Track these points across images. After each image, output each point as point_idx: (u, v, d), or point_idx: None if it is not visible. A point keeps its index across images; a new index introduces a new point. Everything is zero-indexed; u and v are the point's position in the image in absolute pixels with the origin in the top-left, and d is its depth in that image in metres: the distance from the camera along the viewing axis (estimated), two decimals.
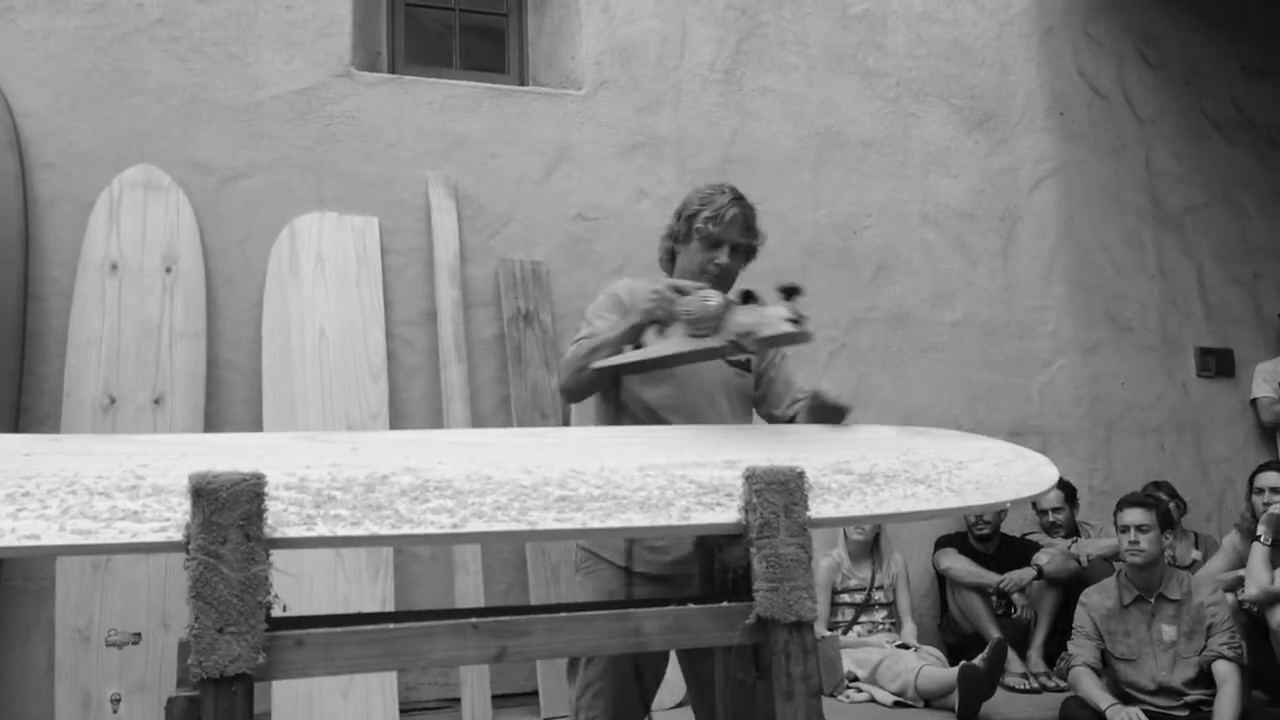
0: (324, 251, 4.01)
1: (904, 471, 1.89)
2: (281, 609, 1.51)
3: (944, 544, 4.57)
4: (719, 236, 2.26)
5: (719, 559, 1.83)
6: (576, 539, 2.23)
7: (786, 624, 1.62)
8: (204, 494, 1.41)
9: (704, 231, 2.26)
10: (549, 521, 1.61)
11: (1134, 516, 3.60)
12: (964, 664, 3.73)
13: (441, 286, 4.11)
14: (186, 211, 3.89)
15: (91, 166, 3.84)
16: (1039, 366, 5.15)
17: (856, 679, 4.05)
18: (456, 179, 4.28)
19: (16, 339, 3.61)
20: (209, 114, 4.03)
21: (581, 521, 1.62)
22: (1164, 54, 5.63)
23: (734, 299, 2.05)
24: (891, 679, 3.93)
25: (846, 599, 4.37)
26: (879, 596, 4.36)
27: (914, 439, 2.09)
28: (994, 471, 1.97)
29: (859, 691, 4.01)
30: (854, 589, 4.37)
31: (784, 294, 2.07)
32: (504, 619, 1.55)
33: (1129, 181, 5.47)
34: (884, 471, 1.88)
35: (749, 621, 1.63)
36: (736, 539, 1.70)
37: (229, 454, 1.66)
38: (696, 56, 4.74)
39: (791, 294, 2.08)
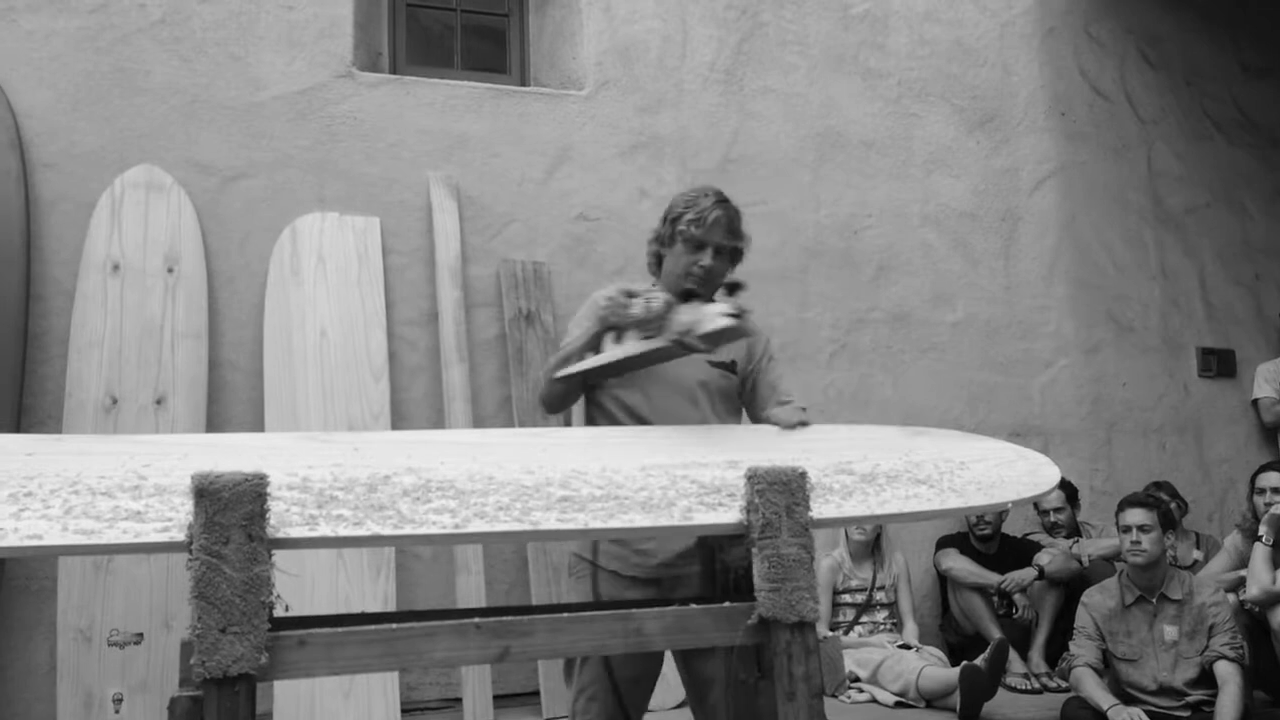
0: (325, 252, 4.02)
1: (906, 472, 1.89)
2: (284, 609, 1.51)
3: (945, 544, 4.57)
4: (702, 239, 2.26)
5: (721, 559, 1.83)
6: (579, 539, 2.23)
7: (789, 624, 1.63)
8: (207, 494, 1.41)
9: (687, 234, 2.27)
10: (551, 522, 1.61)
11: (1135, 517, 3.59)
12: (965, 664, 3.73)
13: (443, 287, 4.11)
14: (188, 212, 3.89)
15: (93, 167, 3.85)
16: (1040, 367, 5.14)
17: (858, 679, 4.06)
18: (458, 179, 4.28)
19: (18, 339, 3.61)
20: (210, 114, 4.03)
21: (584, 522, 1.62)
22: (1165, 54, 5.63)
23: (675, 298, 2.07)
24: (893, 679, 3.93)
25: (848, 599, 4.37)
26: (880, 597, 4.36)
27: (916, 439, 2.10)
28: (996, 472, 1.97)
29: (860, 692, 4.01)
30: (855, 589, 4.37)
31: (727, 289, 2.16)
32: (506, 619, 1.55)
33: (1130, 182, 5.47)
34: (886, 472, 1.88)
35: (751, 622, 1.63)
36: (738, 539, 1.71)
37: (231, 454, 1.66)
38: (697, 57, 4.74)
39: (734, 290, 2.18)
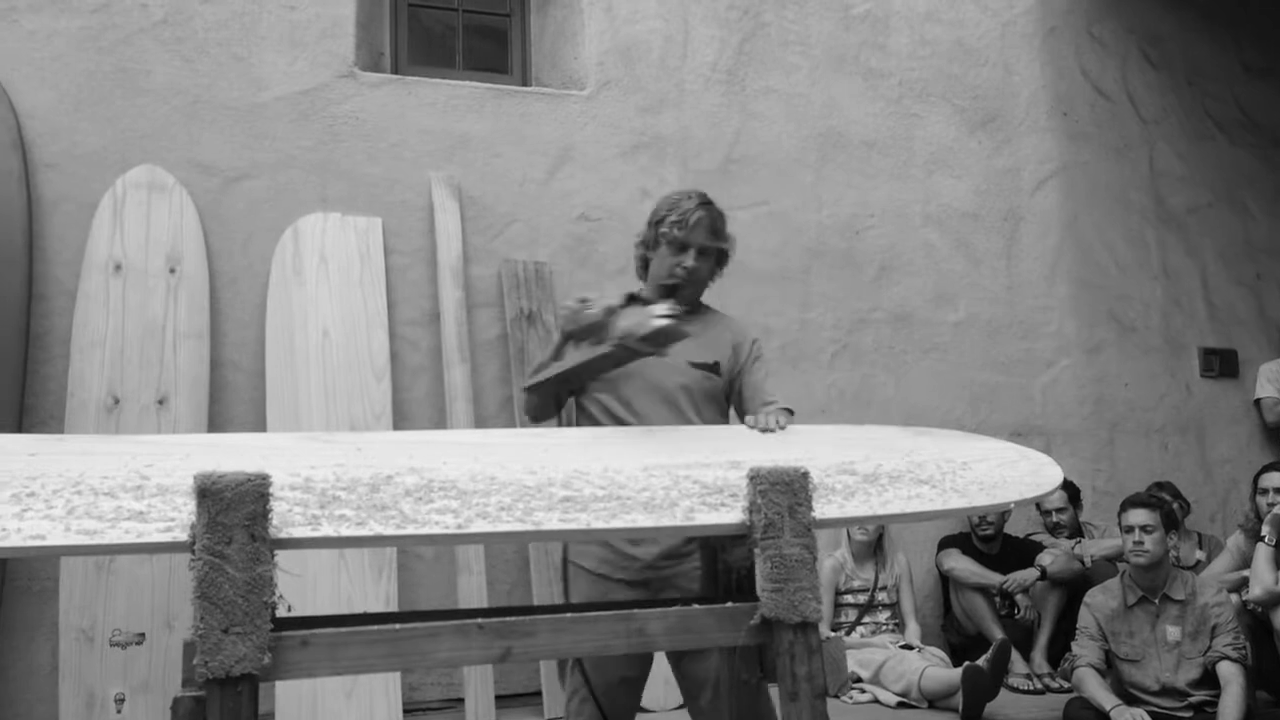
0: (327, 252, 4.02)
1: (908, 472, 1.89)
2: (286, 609, 1.51)
3: (947, 544, 4.56)
4: (684, 240, 2.29)
5: (723, 559, 1.83)
6: (581, 540, 2.23)
7: (791, 625, 1.62)
8: (209, 494, 1.41)
9: (669, 235, 2.30)
10: (553, 522, 1.61)
11: (1138, 517, 3.59)
12: (968, 665, 3.73)
13: (445, 287, 4.11)
14: (190, 212, 3.89)
15: (95, 167, 3.85)
16: (1042, 367, 5.14)
17: (860, 680, 4.05)
18: (460, 179, 4.28)
19: (20, 339, 3.61)
20: (212, 115, 4.03)
21: (586, 522, 1.62)
22: (1167, 54, 5.63)
23: (616, 304, 2.09)
24: (895, 680, 3.93)
25: (850, 600, 4.36)
26: (882, 597, 4.36)
27: (918, 439, 2.09)
28: (998, 472, 1.97)
29: (862, 692, 4.01)
30: (857, 590, 4.37)
31: (664, 291, 2.21)
32: (509, 619, 1.55)
33: (1132, 181, 5.47)
34: (888, 472, 1.88)
35: (754, 622, 1.63)
36: (741, 539, 1.71)
37: (233, 454, 1.66)
38: (699, 57, 4.74)
39: (671, 292, 2.22)
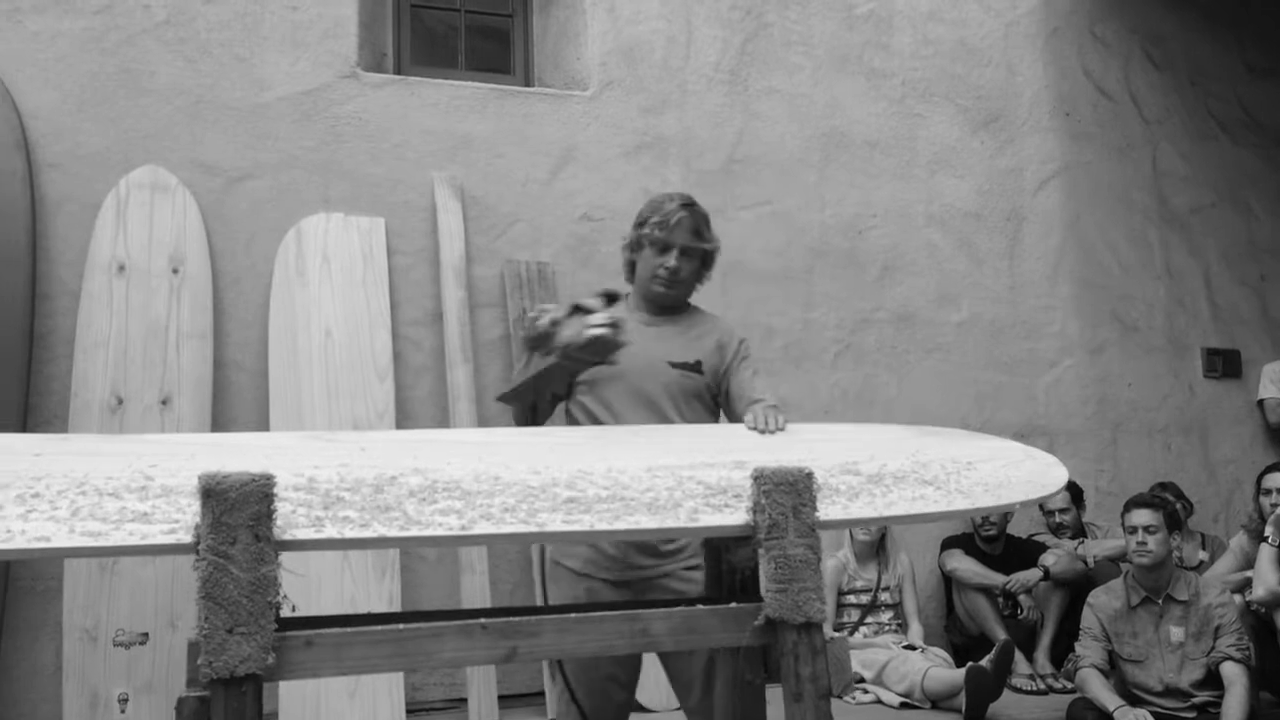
0: (330, 252, 4.02)
1: (913, 473, 1.89)
2: (290, 609, 1.50)
3: (950, 545, 4.56)
4: (666, 240, 2.30)
5: (727, 560, 1.83)
6: (584, 541, 2.23)
7: (795, 625, 1.62)
8: (214, 494, 1.41)
9: (652, 236, 2.31)
10: (557, 524, 1.61)
11: (1141, 517, 3.59)
12: (971, 665, 3.72)
13: (447, 287, 4.11)
14: (193, 212, 3.89)
15: (98, 167, 3.85)
16: (1045, 367, 5.13)
17: (863, 680, 4.05)
18: (462, 179, 4.28)
19: (24, 339, 3.61)
20: (215, 115, 4.03)
21: (590, 524, 1.62)
22: (1170, 54, 5.62)
23: (561, 314, 2.09)
24: (898, 680, 3.92)
25: (852, 600, 4.36)
26: (885, 598, 4.35)
27: (923, 439, 2.09)
28: (1003, 473, 1.97)
29: (865, 693, 4.01)
30: (860, 590, 4.36)
31: (605, 299, 2.18)
32: (513, 619, 1.55)
33: (1135, 181, 5.46)
34: (893, 472, 1.88)
35: (758, 623, 1.63)
36: (745, 540, 1.70)
37: (237, 454, 1.66)
38: (702, 57, 4.73)
39: (612, 300, 2.19)
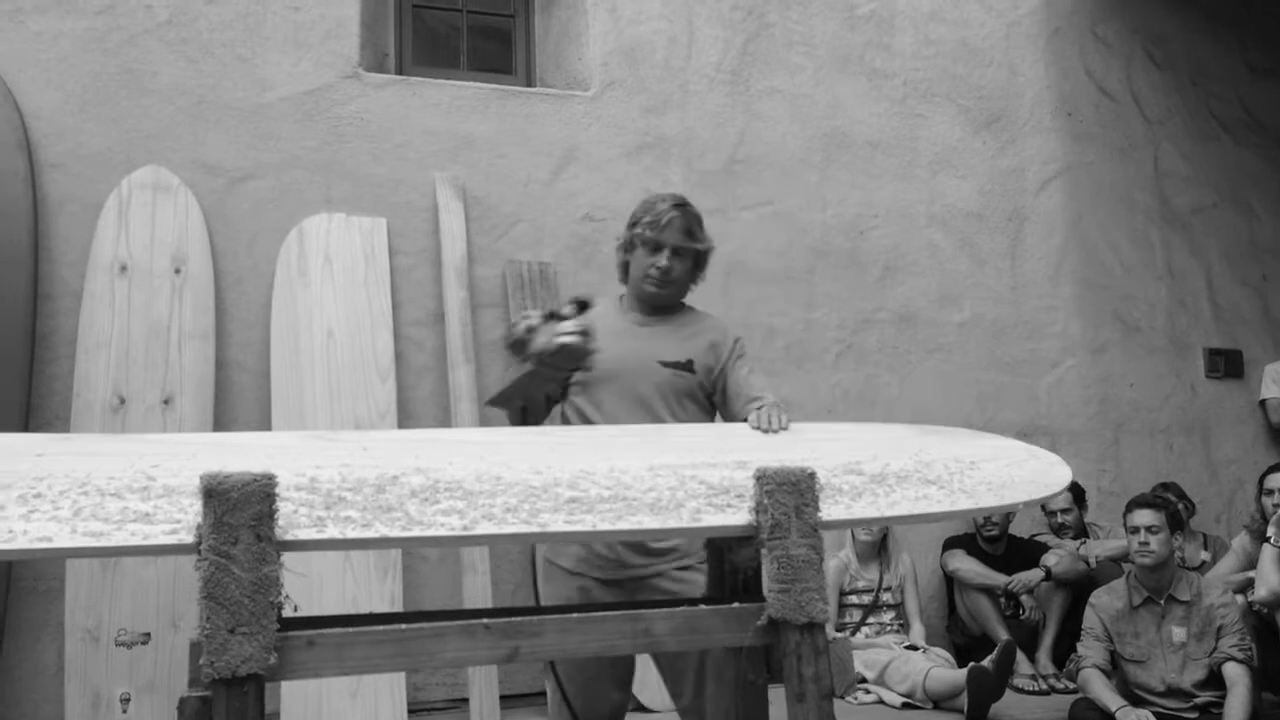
0: (332, 252, 4.02)
1: (916, 472, 1.88)
2: (293, 609, 1.50)
3: (952, 545, 4.55)
4: (658, 240, 2.31)
5: (729, 560, 1.82)
6: (586, 541, 2.23)
7: (798, 625, 1.62)
8: (216, 494, 1.41)
9: (644, 236, 2.33)
10: (559, 524, 1.60)
11: (1143, 518, 3.58)
12: (973, 665, 3.72)
13: (449, 287, 4.11)
14: (195, 213, 3.89)
15: (100, 168, 3.85)
16: (1047, 367, 5.13)
17: (864, 680, 4.05)
18: (464, 180, 4.28)
19: (26, 340, 3.61)
20: (217, 115, 4.03)
21: (592, 524, 1.62)
22: (1171, 55, 5.61)
23: (536, 321, 2.09)
24: (900, 680, 3.92)
25: (854, 600, 4.36)
26: (887, 598, 4.35)
27: (926, 438, 2.09)
28: (1007, 472, 1.96)
29: (867, 693, 4.00)
30: (862, 590, 4.36)
31: (577, 307, 2.17)
32: (515, 620, 1.55)
33: (1137, 182, 5.45)
34: (896, 472, 1.87)
35: (761, 623, 1.63)
36: (747, 540, 1.70)
37: (239, 453, 1.66)
38: (703, 57, 4.73)
39: (583, 308, 2.18)
